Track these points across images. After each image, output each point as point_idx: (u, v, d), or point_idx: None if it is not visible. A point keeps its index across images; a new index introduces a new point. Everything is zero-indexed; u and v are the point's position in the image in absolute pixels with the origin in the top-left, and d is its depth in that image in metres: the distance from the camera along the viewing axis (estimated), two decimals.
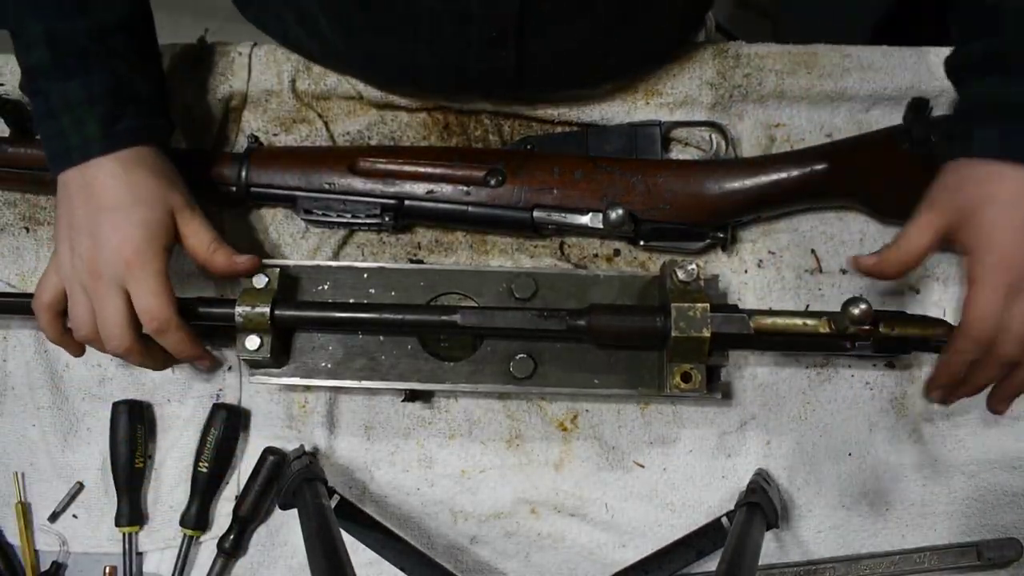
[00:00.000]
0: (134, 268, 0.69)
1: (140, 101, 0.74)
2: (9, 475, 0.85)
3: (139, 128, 0.72)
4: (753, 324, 0.73)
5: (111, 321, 0.70)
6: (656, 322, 0.73)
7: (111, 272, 0.69)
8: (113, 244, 0.69)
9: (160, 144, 0.75)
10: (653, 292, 0.80)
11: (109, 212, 0.69)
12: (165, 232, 0.71)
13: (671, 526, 0.83)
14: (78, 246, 0.70)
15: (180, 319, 0.72)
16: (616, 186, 0.82)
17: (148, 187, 0.71)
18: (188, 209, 0.74)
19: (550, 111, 0.88)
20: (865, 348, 0.73)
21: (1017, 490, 0.83)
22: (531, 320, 0.74)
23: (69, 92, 0.70)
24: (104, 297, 0.70)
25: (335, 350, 0.80)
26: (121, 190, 0.70)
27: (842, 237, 0.87)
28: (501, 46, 0.77)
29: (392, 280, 0.81)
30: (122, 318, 0.70)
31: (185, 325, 0.73)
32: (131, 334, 0.71)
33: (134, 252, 0.69)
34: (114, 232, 0.69)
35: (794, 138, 0.88)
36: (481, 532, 0.83)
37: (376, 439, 0.85)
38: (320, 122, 0.90)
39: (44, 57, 0.71)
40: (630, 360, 0.78)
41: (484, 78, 0.82)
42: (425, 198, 0.83)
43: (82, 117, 0.70)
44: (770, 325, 0.73)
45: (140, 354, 0.73)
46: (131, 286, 0.69)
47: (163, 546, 0.84)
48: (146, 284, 0.69)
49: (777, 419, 0.84)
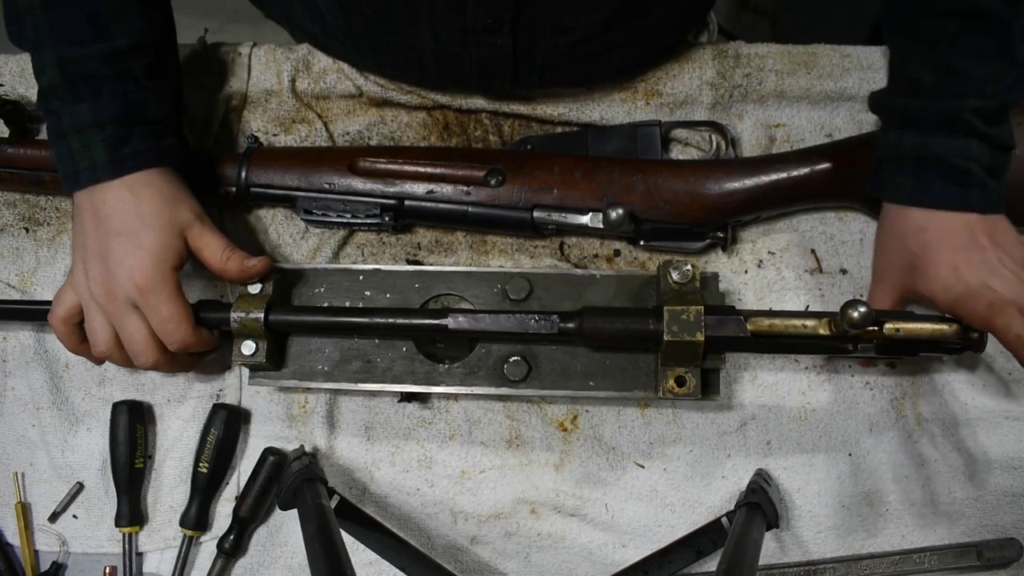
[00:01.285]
0: (147, 294, 0.71)
1: (150, 123, 0.75)
2: (9, 475, 0.85)
3: (147, 151, 0.73)
4: (751, 326, 0.71)
5: (134, 340, 0.73)
6: (648, 325, 0.72)
7: (125, 296, 0.72)
8: (124, 270, 0.71)
9: (172, 163, 0.76)
10: (650, 293, 0.79)
11: (117, 237, 0.72)
12: (174, 254, 0.73)
13: (671, 526, 0.83)
14: (91, 269, 0.72)
15: (197, 330, 0.74)
16: (616, 186, 0.82)
17: (156, 211, 0.72)
18: (198, 223, 0.75)
19: (550, 111, 0.88)
20: (868, 350, 0.72)
21: (1017, 490, 0.83)
22: (522, 323, 0.73)
23: (79, 115, 0.72)
24: (123, 319, 0.72)
25: (331, 353, 0.80)
26: (129, 215, 0.72)
27: (842, 237, 0.87)
28: (498, 33, 0.77)
29: (388, 282, 0.81)
30: (144, 337, 0.73)
31: (203, 331, 0.75)
32: (156, 350, 0.73)
33: (144, 278, 0.71)
34: (124, 258, 0.71)
35: (794, 138, 0.88)
36: (481, 532, 0.83)
37: (376, 439, 0.85)
38: (320, 122, 0.90)
39: (56, 79, 0.72)
40: (625, 363, 0.78)
41: (482, 67, 0.82)
42: (425, 198, 0.83)
43: (90, 140, 0.72)
44: (768, 327, 0.72)
45: (168, 364, 0.75)
46: (146, 311, 0.72)
47: (163, 546, 0.84)
48: (160, 310, 0.72)
49: (777, 419, 0.84)
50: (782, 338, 0.72)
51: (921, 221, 0.74)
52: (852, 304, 0.67)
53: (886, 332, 0.70)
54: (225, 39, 0.93)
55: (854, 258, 0.87)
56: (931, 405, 0.84)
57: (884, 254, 0.78)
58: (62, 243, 0.89)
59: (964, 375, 0.85)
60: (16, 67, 0.90)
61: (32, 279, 0.88)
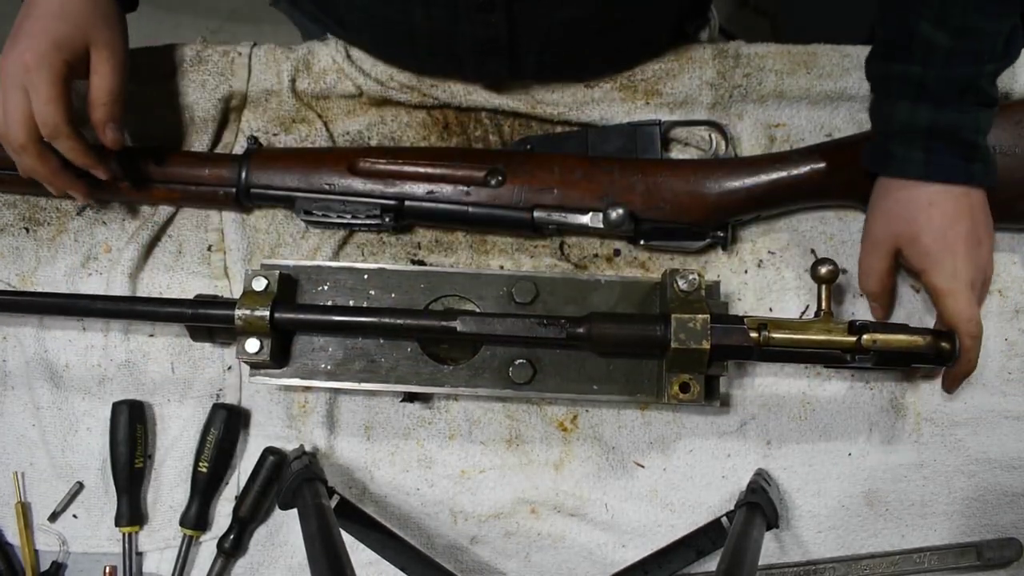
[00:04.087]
0: (31, 73, 0.72)
1: None
2: (9, 475, 0.85)
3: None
4: (755, 335, 0.72)
5: (11, 118, 0.73)
6: (656, 332, 0.72)
7: (14, 73, 0.73)
8: (20, 48, 0.73)
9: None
10: (654, 299, 0.79)
11: (31, 19, 0.74)
12: (70, 48, 0.73)
13: (671, 526, 0.83)
14: (5, 46, 0.74)
15: (72, 128, 0.74)
16: (616, 186, 0.82)
17: (77, 11, 0.74)
18: (107, 50, 0.75)
19: (549, 110, 0.88)
20: (865, 361, 0.73)
21: (1017, 490, 0.83)
22: (530, 328, 0.74)
23: None
24: (6, 94, 0.73)
25: (335, 352, 0.80)
26: (53, 5, 0.74)
27: (842, 237, 0.87)
28: (490, 11, 0.77)
29: (392, 282, 0.81)
30: (20, 115, 0.73)
31: (77, 134, 0.75)
32: (26, 132, 0.73)
33: (34, 57, 0.72)
34: (24, 37, 0.73)
35: (794, 138, 0.88)
36: (481, 532, 0.83)
37: (376, 439, 0.85)
38: (320, 122, 0.90)
39: None
40: (629, 367, 0.78)
41: (477, 48, 0.81)
42: (425, 198, 0.83)
43: None
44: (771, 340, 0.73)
45: (35, 156, 0.75)
46: (29, 90, 0.73)
47: (163, 546, 0.84)
48: (40, 90, 0.72)
49: (777, 419, 0.84)
50: (784, 348, 0.73)
51: (931, 195, 0.73)
52: (822, 261, 0.73)
53: (863, 344, 0.72)
54: (225, 39, 0.93)
55: (854, 258, 0.86)
56: (931, 405, 0.84)
57: (885, 223, 0.77)
58: (62, 243, 0.89)
59: None
60: None
61: (32, 279, 0.88)
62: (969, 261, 0.74)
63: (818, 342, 0.73)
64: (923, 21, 0.71)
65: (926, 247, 0.74)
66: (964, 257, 0.73)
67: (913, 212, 0.74)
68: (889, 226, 0.76)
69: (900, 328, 0.73)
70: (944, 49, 0.71)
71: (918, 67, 0.72)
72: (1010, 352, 0.85)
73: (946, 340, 0.73)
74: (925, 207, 0.73)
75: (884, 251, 0.78)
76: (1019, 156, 0.79)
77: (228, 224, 0.88)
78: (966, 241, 0.74)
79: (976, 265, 0.75)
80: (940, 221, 0.73)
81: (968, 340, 0.73)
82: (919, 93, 0.73)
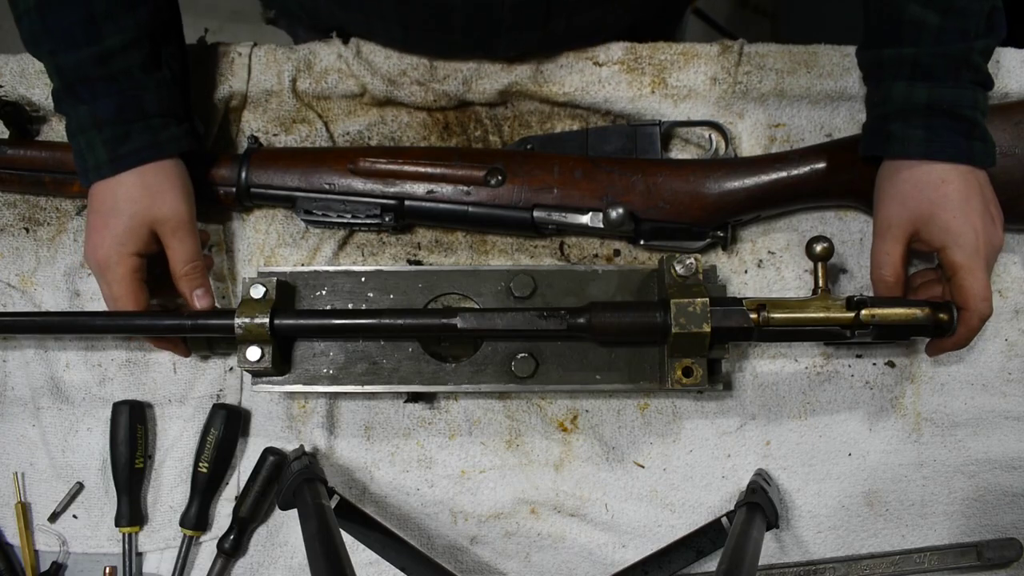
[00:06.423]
0: (103, 271, 0.76)
1: (148, 118, 0.76)
2: (9, 475, 0.85)
3: (144, 148, 0.76)
4: (754, 316, 0.72)
5: (107, 304, 0.78)
6: (656, 318, 0.72)
7: (93, 267, 0.77)
8: (91, 245, 0.77)
9: (174, 151, 0.77)
10: (652, 286, 0.79)
11: (95, 215, 0.77)
12: (136, 241, 0.76)
13: (671, 526, 0.83)
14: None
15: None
16: (616, 185, 0.82)
17: (131, 198, 0.75)
18: (174, 221, 0.76)
19: (555, 89, 0.87)
20: (865, 336, 0.73)
21: (1017, 490, 0.83)
22: (531, 321, 0.74)
23: (80, 117, 0.75)
24: (98, 283, 0.78)
25: (336, 355, 0.79)
26: (108, 199, 0.76)
27: (842, 237, 0.87)
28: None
29: (390, 283, 0.81)
30: (109, 303, 0.78)
31: None
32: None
33: (103, 256, 0.76)
34: (92, 234, 0.77)
35: (794, 138, 0.88)
36: (481, 532, 0.83)
37: (376, 439, 0.85)
38: (320, 122, 0.90)
39: (58, 84, 0.76)
40: (631, 356, 0.78)
41: (516, 12, 0.80)
42: (425, 198, 0.83)
43: (92, 141, 0.75)
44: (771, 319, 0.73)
45: None
46: (102, 286, 0.77)
47: (163, 546, 0.84)
48: (112, 287, 0.76)
49: (777, 419, 0.84)
50: (784, 327, 0.73)
51: (942, 173, 0.73)
52: (817, 239, 0.74)
53: (862, 318, 0.71)
54: (225, 39, 0.93)
55: (854, 258, 0.87)
56: (931, 405, 0.84)
57: (899, 205, 0.75)
58: (62, 243, 0.89)
59: (964, 375, 0.85)
60: (16, 67, 0.90)
61: (32, 279, 0.88)
62: (987, 238, 0.73)
63: (817, 319, 0.72)
64: (911, 3, 0.72)
65: (946, 222, 0.73)
66: (983, 234, 0.73)
67: (926, 191, 0.73)
68: (905, 207, 0.75)
69: (898, 301, 0.73)
70: (935, 27, 0.72)
71: (911, 48, 0.73)
72: (1010, 352, 0.85)
73: (944, 311, 0.72)
74: (938, 184, 0.73)
75: (900, 234, 0.75)
76: (1019, 156, 0.79)
77: (228, 224, 0.88)
78: (983, 217, 0.73)
79: (991, 244, 0.74)
80: (956, 197, 0.72)
81: (977, 320, 0.73)
82: (914, 71, 0.73)
